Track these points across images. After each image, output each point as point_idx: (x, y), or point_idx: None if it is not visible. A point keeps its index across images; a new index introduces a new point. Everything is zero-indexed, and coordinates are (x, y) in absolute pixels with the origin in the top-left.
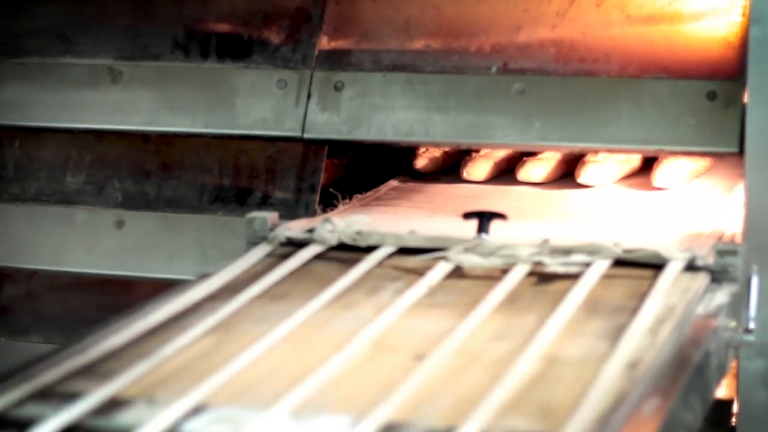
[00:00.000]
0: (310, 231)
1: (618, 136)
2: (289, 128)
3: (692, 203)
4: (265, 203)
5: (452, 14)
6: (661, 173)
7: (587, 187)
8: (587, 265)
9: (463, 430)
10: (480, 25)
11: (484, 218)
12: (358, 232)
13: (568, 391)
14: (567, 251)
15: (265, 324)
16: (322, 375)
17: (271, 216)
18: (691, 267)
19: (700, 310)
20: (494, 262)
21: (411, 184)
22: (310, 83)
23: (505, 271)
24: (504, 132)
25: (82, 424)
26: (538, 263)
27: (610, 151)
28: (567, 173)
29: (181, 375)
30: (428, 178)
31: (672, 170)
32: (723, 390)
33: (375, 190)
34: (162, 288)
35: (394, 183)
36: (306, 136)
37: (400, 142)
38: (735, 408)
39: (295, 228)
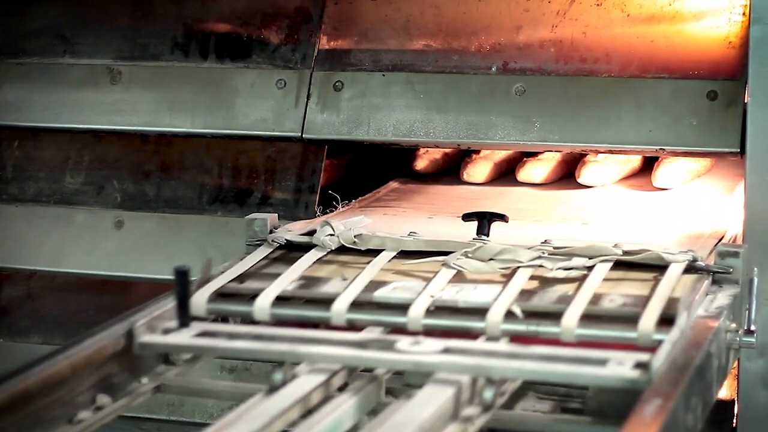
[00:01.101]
0: (310, 234)
1: (619, 137)
2: (289, 128)
3: (693, 203)
4: (264, 204)
5: (452, 14)
6: (661, 173)
7: (588, 187)
8: (588, 268)
9: (579, 299)
10: (480, 25)
11: (484, 219)
12: (358, 236)
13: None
14: (567, 254)
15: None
16: None
17: (270, 217)
18: (691, 268)
19: (701, 311)
20: (494, 266)
21: (411, 186)
22: (310, 83)
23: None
24: (504, 132)
25: (294, 293)
26: (539, 266)
27: (611, 151)
28: (567, 174)
29: (350, 265)
30: (428, 179)
31: (672, 170)
32: (724, 391)
33: (375, 191)
34: (162, 288)
35: (394, 184)
36: (305, 136)
37: (400, 142)
38: (736, 408)
39: (294, 229)
